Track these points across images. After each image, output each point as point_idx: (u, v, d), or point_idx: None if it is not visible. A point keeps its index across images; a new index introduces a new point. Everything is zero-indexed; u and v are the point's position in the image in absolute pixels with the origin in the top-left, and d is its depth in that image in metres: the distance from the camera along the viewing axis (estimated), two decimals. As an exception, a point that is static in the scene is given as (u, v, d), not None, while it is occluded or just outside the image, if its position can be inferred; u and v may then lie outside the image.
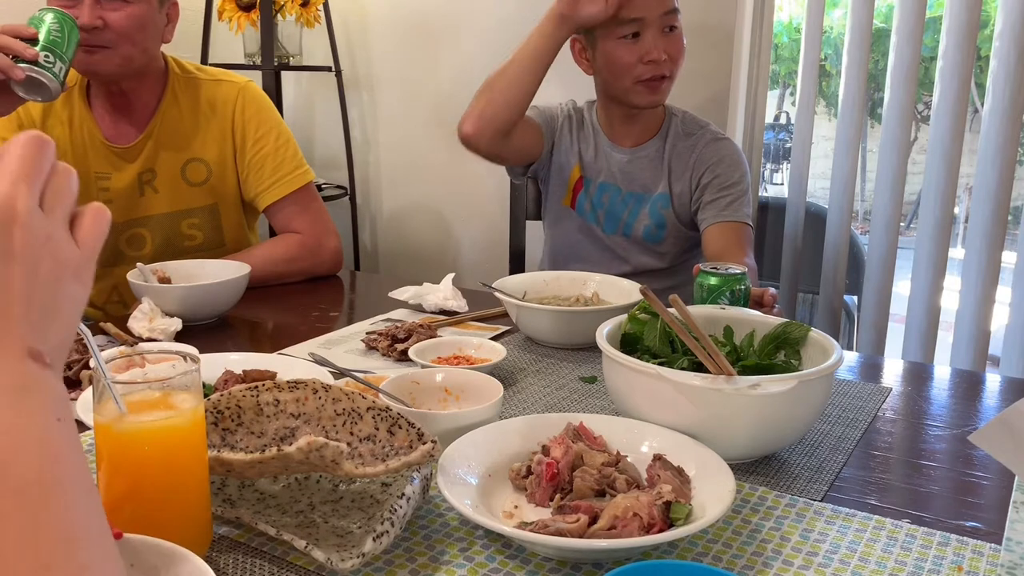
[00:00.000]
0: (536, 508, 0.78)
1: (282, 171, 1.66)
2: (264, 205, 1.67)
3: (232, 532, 0.75)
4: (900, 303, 2.16)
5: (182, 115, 1.62)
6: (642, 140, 1.74)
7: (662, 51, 1.61)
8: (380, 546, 0.66)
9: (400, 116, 2.78)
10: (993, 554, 0.73)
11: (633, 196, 1.75)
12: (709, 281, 1.14)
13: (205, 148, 1.63)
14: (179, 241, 1.65)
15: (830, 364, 0.86)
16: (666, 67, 1.63)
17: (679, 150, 1.72)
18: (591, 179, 1.78)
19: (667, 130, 1.75)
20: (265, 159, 1.65)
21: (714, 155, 1.70)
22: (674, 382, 0.83)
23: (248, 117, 1.64)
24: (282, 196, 1.66)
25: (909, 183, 2.25)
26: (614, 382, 0.92)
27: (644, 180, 1.74)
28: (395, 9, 2.69)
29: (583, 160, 1.78)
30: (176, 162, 1.62)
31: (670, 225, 1.73)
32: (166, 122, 1.61)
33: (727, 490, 0.73)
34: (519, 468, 0.81)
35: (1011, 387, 1.19)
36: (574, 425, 0.84)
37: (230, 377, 0.99)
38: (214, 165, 1.64)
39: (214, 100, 1.64)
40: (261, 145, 1.65)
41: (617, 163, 1.75)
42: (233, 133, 1.64)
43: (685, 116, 1.77)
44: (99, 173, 1.60)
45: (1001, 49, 1.93)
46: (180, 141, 1.62)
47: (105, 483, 0.67)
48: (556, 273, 1.45)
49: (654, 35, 1.61)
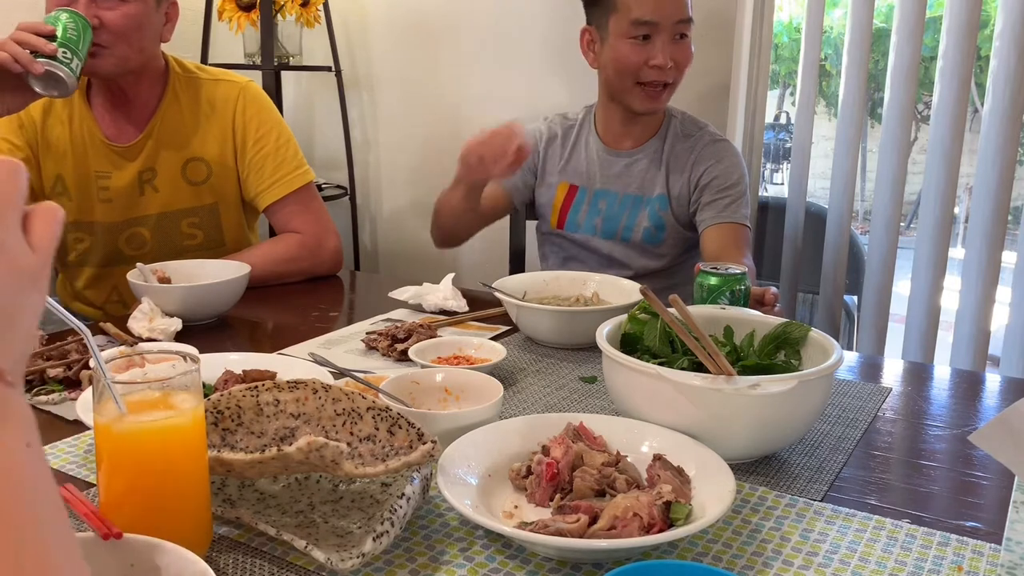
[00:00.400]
0: (536, 508, 0.78)
1: (283, 171, 1.66)
2: (264, 205, 1.67)
3: (232, 532, 0.75)
4: (900, 303, 2.16)
5: (183, 114, 1.62)
6: (641, 141, 1.74)
7: (669, 57, 1.60)
8: (380, 546, 0.66)
9: (400, 116, 2.78)
10: (993, 554, 0.73)
11: (631, 199, 1.73)
12: (709, 281, 1.14)
13: (205, 147, 1.63)
14: (179, 240, 1.65)
15: (830, 364, 0.86)
16: (670, 74, 1.62)
17: (677, 151, 1.72)
18: (586, 187, 1.77)
19: (666, 131, 1.74)
20: (266, 159, 1.65)
21: (712, 156, 1.69)
22: (674, 382, 0.83)
23: (249, 117, 1.64)
24: (282, 196, 1.66)
25: (909, 183, 2.25)
26: (614, 382, 0.92)
27: (642, 182, 1.73)
28: (395, 9, 2.69)
29: (575, 172, 1.77)
30: (176, 161, 1.62)
31: (669, 227, 1.73)
32: (167, 121, 1.61)
33: (727, 490, 0.73)
34: (519, 468, 0.81)
35: (1011, 387, 1.19)
36: (574, 425, 0.85)
37: (230, 377, 0.99)
38: (214, 164, 1.64)
39: (215, 99, 1.64)
40: (262, 145, 1.65)
41: (615, 168, 1.74)
42: (234, 133, 1.64)
43: (684, 117, 1.76)
44: (99, 172, 1.60)
45: (1001, 49, 1.93)
46: (181, 140, 1.62)
47: (105, 483, 0.67)
48: (556, 273, 1.45)
49: (664, 40, 1.60)
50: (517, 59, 2.47)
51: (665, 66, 1.60)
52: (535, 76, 2.41)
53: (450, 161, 2.67)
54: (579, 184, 1.77)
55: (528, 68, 2.45)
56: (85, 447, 0.91)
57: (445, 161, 2.71)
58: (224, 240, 1.70)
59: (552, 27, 2.35)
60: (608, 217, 1.74)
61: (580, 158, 1.77)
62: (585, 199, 1.76)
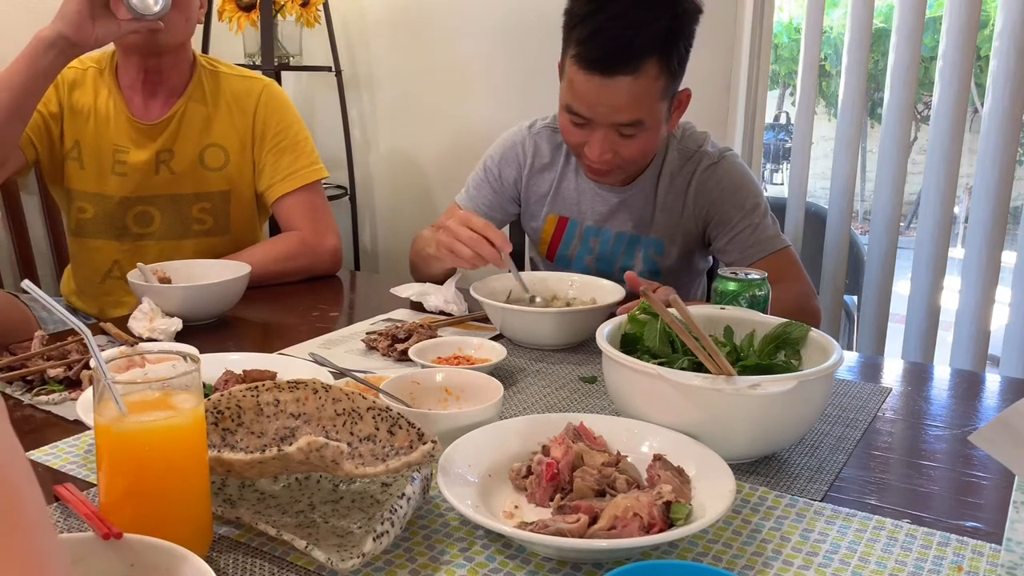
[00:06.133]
0: (536, 508, 0.78)
1: (298, 164, 1.70)
2: (275, 197, 1.69)
3: (232, 532, 0.75)
4: (900, 303, 2.16)
5: (206, 101, 1.66)
6: (634, 176, 1.53)
7: (609, 152, 1.37)
8: (380, 546, 0.66)
9: (400, 116, 2.78)
10: (993, 554, 0.73)
11: (626, 237, 1.56)
12: (727, 286, 1.11)
13: (226, 136, 1.67)
14: (188, 224, 1.67)
15: (830, 364, 0.86)
16: (615, 164, 1.40)
17: (676, 185, 1.52)
18: (577, 221, 1.59)
19: (663, 159, 1.52)
20: (284, 151, 1.69)
21: (714, 187, 1.49)
22: (674, 382, 0.83)
23: (271, 111, 1.69)
24: (294, 189, 1.68)
25: (909, 183, 2.26)
26: (614, 382, 0.92)
27: (638, 220, 1.55)
28: (395, 9, 2.69)
29: (564, 204, 1.59)
30: (196, 145, 1.65)
31: (666, 268, 1.58)
32: (191, 105, 1.64)
33: (727, 490, 0.73)
34: (519, 468, 0.81)
35: (1011, 387, 1.19)
36: (574, 425, 0.85)
37: (230, 377, 0.99)
38: (233, 153, 1.67)
39: (238, 92, 1.68)
40: (281, 138, 1.69)
41: (607, 205, 1.56)
42: (254, 125, 1.68)
43: (684, 133, 1.55)
44: (118, 146, 1.62)
45: (1001, 49, 1.93)
46: (202, 126, 1.65)
47: (105, 483, 0.67)
48: (543, 274, 1.46)
49: (603, 135, 1.36)
50: (517, 59, 2.47)
51: (600, 161, 1.39)
52: (535, 76, 2.41)
53: (450, 161, 2.69)
54: (569, 217, 1.59)
55: (528, 68, 2.45)
56: (85, 447, 0.91)
57: (445, 161, 2.73)
58: (231, 229, 1.71)
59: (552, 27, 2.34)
60: (601, 257, 1.59)
61: (569, 189, 1.58)
62: (576, 233, 1.60)
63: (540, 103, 1.76)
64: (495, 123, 2.33)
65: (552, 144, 1.60)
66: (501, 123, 1.78)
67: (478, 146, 1.80)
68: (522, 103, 2.41)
